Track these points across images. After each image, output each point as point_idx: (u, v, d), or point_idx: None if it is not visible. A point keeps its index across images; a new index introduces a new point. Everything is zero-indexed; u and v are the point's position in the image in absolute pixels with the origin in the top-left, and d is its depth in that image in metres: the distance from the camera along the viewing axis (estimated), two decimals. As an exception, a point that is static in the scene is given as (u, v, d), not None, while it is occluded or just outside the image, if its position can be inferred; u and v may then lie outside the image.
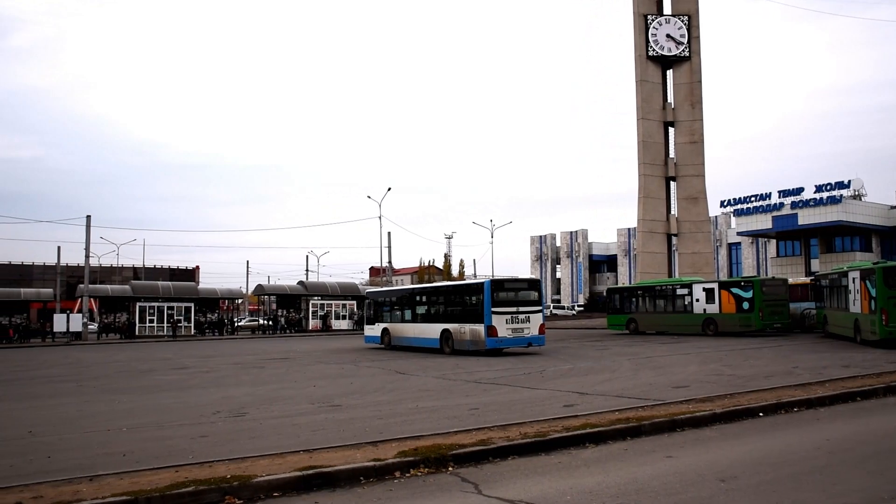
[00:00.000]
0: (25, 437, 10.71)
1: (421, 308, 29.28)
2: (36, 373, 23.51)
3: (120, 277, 79.36)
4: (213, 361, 26.04)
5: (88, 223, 49.43)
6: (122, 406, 14.22)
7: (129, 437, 10.37)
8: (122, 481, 7.39)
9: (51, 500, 6.69)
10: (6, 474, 8.00)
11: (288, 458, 8.28)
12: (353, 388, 16.39)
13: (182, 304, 52.25)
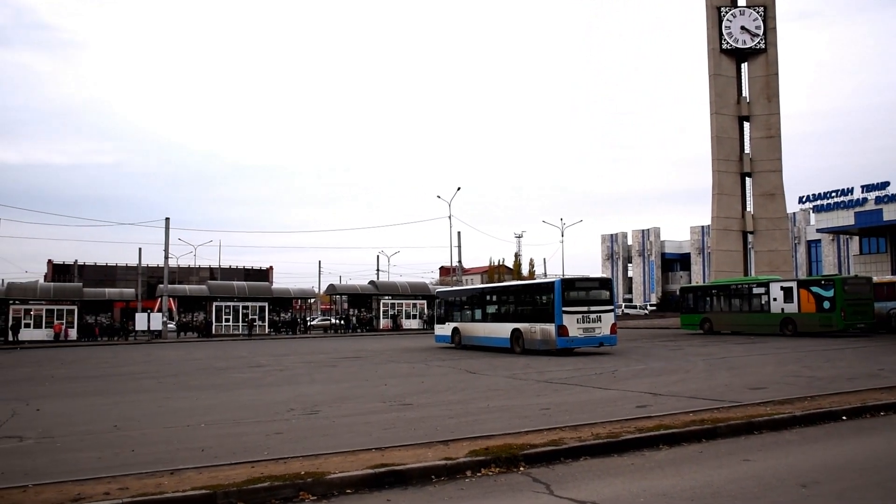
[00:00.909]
0: (111, 430, 11.12)
1: (491, 307, 29.25)
2: (119, 370, 24.36)
3: (197, 278, 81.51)
4: (286, 360, 26.54)
5: (167, 225, 51.05)
6: (201, 403, 14.62)
7: (208, 433, 10.66)
8: (201, 475, 7.60)
9: (135, 492, 6.93)
10: (95, 466, 8.34)
11: (360, 456, 8.37)
12: (423, 387, 16.47)
13: (257, 303, 53.42)
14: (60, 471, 8.14)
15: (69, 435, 10.87)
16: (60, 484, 7.38)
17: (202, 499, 6.84)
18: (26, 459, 9.04)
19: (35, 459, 9.02)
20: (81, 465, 8.45)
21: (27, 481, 7.55)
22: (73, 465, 8.48)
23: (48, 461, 8.88)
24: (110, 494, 6.89)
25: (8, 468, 8.47)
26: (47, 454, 9.40)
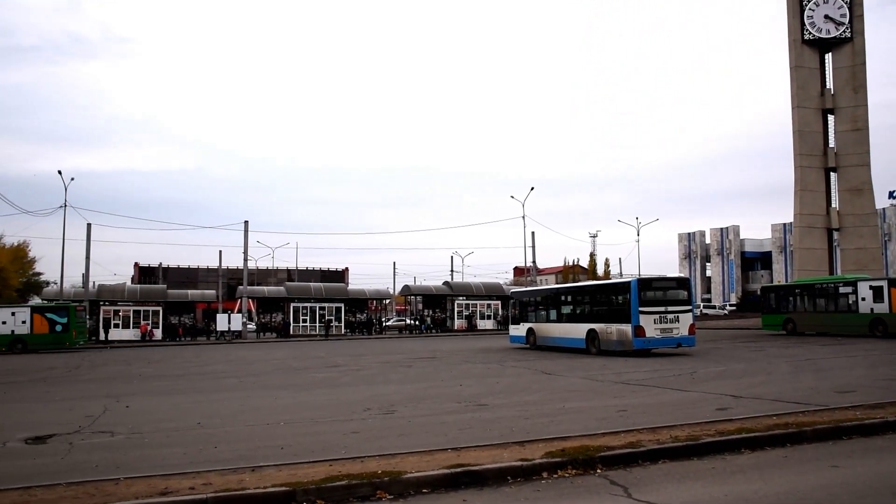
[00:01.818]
0: (195, 428, 11.47)
1: (566, 308, 29.01)
2: (202, 369, 25.10)
3: (275, 279, 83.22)
4: (363, 360, 26.87)
5: (246, 228, 52.28)
6: (280, 402, 14.93)
7: (287, 432, 10.88)
8: (281, 473, 7.77)
9: (219, 487, 7.13)
10: (180, 461, 8.62)
11: (436, 456, 8.42)
12: (499, 387, 16.45)
13: (333, 304, 54.24)
14: (148, 465, 8.45)
15: (156, 431, 11.26)
16: (149, 478, 7.65)
17: (282, 496, 6.99)
18: (117, 453, 9.41)
19: (125, 454, 9.38)
20: (168, 461, 8.75)
21: (119, 474, 7.86)
22: (160, 461, 8.79)
23: (137, 456, 9.21)
24: (195, 489, 7.11)
25: (101, 461, 8.84)
26: (136, 449, 9.76)
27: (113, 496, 6.94)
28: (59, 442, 10.45)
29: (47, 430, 11.36)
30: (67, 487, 7.34)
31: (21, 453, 9.75)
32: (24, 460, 9.25)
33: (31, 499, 6.94)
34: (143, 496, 6.91)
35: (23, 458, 9.37)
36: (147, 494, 6.96)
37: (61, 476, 7.93)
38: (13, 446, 10.26)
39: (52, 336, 40.10)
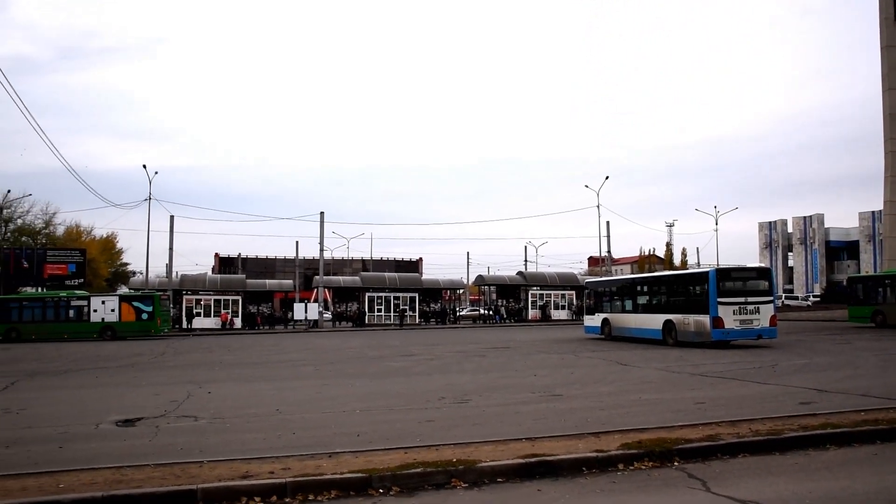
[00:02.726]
0: (274, 414, 11.75)
1: (642, 298, 28.59)
2: (280, 357, 25.68)
3: (350, 269, 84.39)
4: (437, 349, 27.04)
5: (322, 219, 53.09)
6: (356, 390, 15.15)
7: (362, 419, 11.04)
8: (357, 459, 7.90)
9: (297, 472, 7.30)
10: (260, 447, 8.85)
11: (511, 446, 8.42)
12: (573, 378, 16.34)
13: (407, 294, 54.72)
14: (230, 450, 8.71)
15: (237, 417, 11.58)
16: (231, 462, 7.89)
17: (358, 482, 7.10)
18: (200, 437, 9.73)
19: (208, 438, 9.69)
20: (248, 446, 8.99)
21: (202, 458, 8.13)
22: (240, 445, 9.04)
23: (219, 440, 9.50)
24: (274, 474, 7.29)
25: (185, 445, 9.16)
26: (218, 434, 10.06)
27: (197, 478, 7.18)
28: (147, 425, 10.86)
29: (136, 414, 11.82)
30: (155, 468, 7.63)
31: (112, 435, 10.17)
32: (115, 441, 9.65)
33: (122, 477, 7.24)
34: (226, 479, 7.12)
35: (114, 440, 9.78)
36: (229, 477, 7.18)
37: (149, 457, 8.25)
38: (105, 428, 10.72)
39: (138, 324, 41.66)
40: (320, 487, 6.99)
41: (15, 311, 41.77)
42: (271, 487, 6.92)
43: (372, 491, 7.03)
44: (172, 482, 7.04)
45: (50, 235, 67.76)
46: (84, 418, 11.63)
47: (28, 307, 42.24)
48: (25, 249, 55.84)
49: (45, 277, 52.28)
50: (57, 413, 12.58)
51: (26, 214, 65.61)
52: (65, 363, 24.21)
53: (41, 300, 43.22)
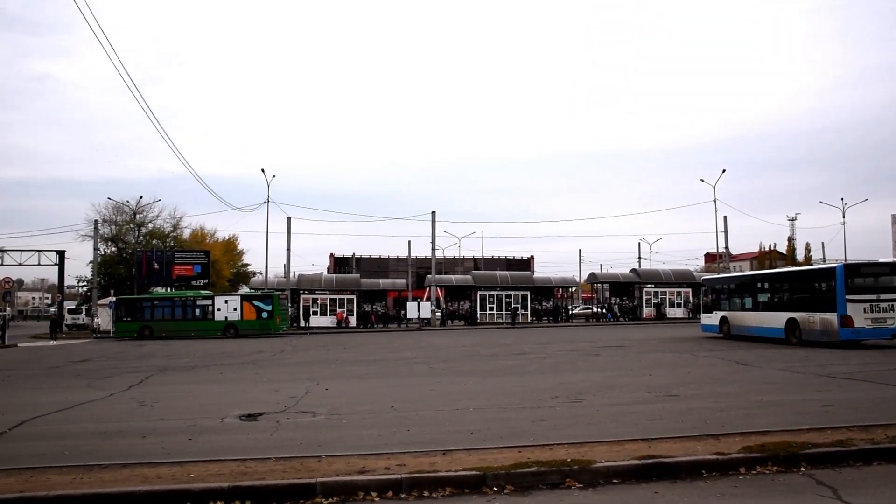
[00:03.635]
0: (389, 411, 11.95)
1: (763, 296, 27.48)
2: (394, 355, 26.11)
3: (462, 268, 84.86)
4: (549, 348, 26.84)
5: (433, 218, 53.69)
6: (469, 388, 15.22)
7: (475, 417, 11.08)
8: (471, 457, 7.93)
9: (412, 469, 7.40)
10: (376, 443, 9.03)
11: (626, 446, 8.27)
12: (690, 377, 15.88)
13: (519, 292, 54.60)
14: (347, 445, 8.92)
15: (353, 413, 11.85)
16: (348, 457, 8.08)
17: (472, 479, 7.14)
18: (318, 433, 10.00)
19: (326, 433, 9.95)
20: (364, 441, 9.18)
21: (320, 452, 8.37)
22: (357, 441, 9.25)
23: (336, 436, 9.74)
24: (390, 469, 7.43)
25: (304, 439, 9.44)
26: (335, 429, 10.33)
27: (316, 472, 7.39)
28: (268, 420, 11.27)
29: (258, 409, 12.29)
30: (276, 462, 7.91)
31: (236, 429, 10.61)
32: (238, 435, 10.06)
33: (246, 470, 7.55)
34: (343, 473, 7.30)
35: (238, 433, 10.20)
36: (346, 472, 7.36)
37: (271, 451, 8.56)
38: (230, 422, 11.19)
39: (258, 322, 43.33)
40: (435, 484, 7.06)
41: (147, 310, 44.34)
42: (387, 483, 7.05)
43: (486, 489, 7.05)
44: (293, 475, 7.28)
45: (177, 238, 71.24)
46: (210, 412, 12.19)
47: (159, 306, 44.79)
48: (156, 252, 58.92)
49: (173, 278, 55.04)
50: (186, 406, 13.24)
51: (156, 219, 69.40)
52: (192, 359, 25.45)
53: (170, 300, 45.72)
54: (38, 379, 19.96)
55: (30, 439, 10.13)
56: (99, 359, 27.21)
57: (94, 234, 56.28)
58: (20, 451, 9.24)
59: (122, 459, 8.25)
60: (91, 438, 10.00)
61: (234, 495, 6.82)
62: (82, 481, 7.28)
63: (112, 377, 19.16)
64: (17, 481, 7.35)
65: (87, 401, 14.20)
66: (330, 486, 6.99)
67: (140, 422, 11.39)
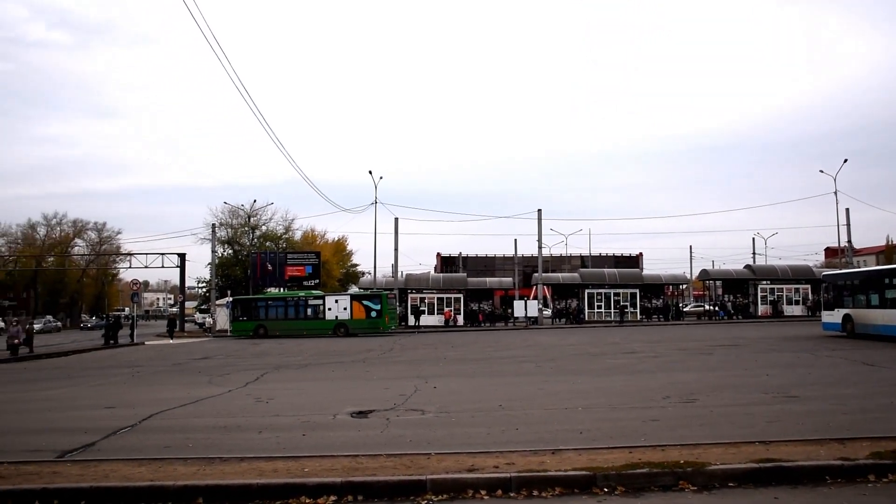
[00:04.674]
0: (497, 409, 11.95)
1: (892, 292, 25.95)
2: (501, 353, 26.11)
3: (569, 266, 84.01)
4: (659, 346, 26.23)
5: (540, 216, 53.33)
6: (577, 386, 15.06)
7: (585, 416, 10.95)
8: (581, 457, 7.84)
9: (521, 467, 7.38)
10: (484, 441, 9.08)
11: (742, 449, 7.98)
12: (810, 378, 15.19)
13: (627, 290, 53.60)
14: (455, 443, 8.99)
15: (462, 411, 11.92)
16: (457, 455, 8.13)
17: (582, 479, 7.05)
18: (427, 430, 10.12)
19: (434, 431, 10.06)
20: (473, 439, 9.23)
21: (430, 450, 8.46)
22: (465, 439, 9.30)
23: (445, 434, 9.83)
24: (499, 468, 7.43)
25: (414, 437, 9.58)
26: (444, 427, 10.42)
27: (426, 469, 7.47)
28: (378, 417, 11.48)
29: (368, 406, 12.54)
30: (387, 458, 8.05)
31: (348, 425, 10.86)
32: (350, 431, 10.30)
33: (358, 465, 7.71)
34: (452, 471, 7.36)
35: (349, 430, 10.44)
36: (456, 470, 7.41)
37: (381, 447, 8.73)
38: (342, 418, 11.47)
39: (368, 321, 44.17)
40: (544, 484, 7.02)
41: (262, 310, 45.99)
42: (496, 482, 7.05)
43: (596, 489, 6.95)
44: (403, 472, 7.39)
45: (289, 240, 73.59)
46: (322, 409, 12.52)
47: (273, 306, 46.37)
48: (269, 253, 60.97)
49: (285, 279, 56.82)
50: (299, 403, 13.65)
51: (269, 221, 72.02)
52: (304, 357, 26.21)
53: (283, 300, 47.25)
54: (163, 375, 21.03)
55: (157, 432, 10.70)
56: (218, 356, 28.42)
57: (211, 237, 58.77)
58: (149, 442, 9.79)
59: (240, 453, 8.59)
60: (212, 432, 10.46)
61: (347, 490, 6.99)
62: (205, 473, 7.63)
63: (230, 374, 19.98)
64: (147, 470, 7.78)
65: (207, 396, 14.87)
66: (439, 483, 7.06)
67: (256, 417, 11.83)
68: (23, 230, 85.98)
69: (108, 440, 10.09)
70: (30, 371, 24.30)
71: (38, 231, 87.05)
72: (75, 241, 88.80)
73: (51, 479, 7.55)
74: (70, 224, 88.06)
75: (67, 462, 8.54)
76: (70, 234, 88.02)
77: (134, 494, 7.09)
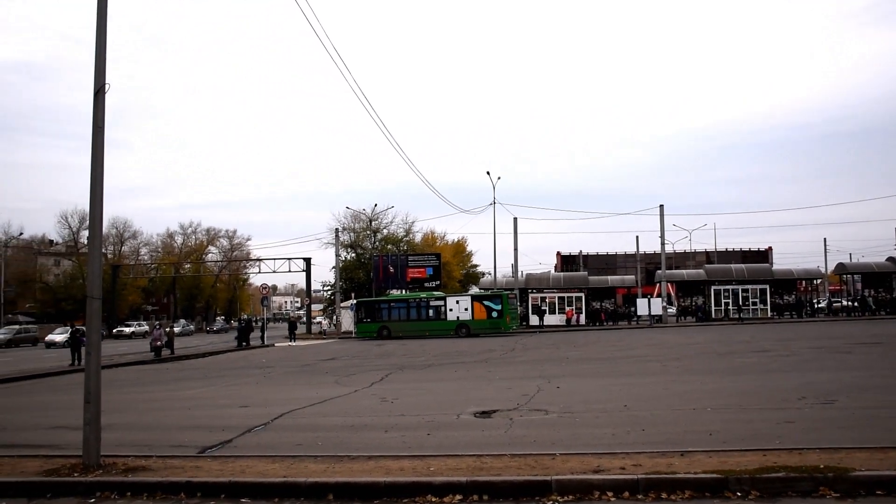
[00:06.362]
0: (622, 410, 11.73)
1: None
2: (625, 353, 25.62)
3: (693, 262, 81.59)
4: (792, 345, 25.03)
5: (662, 212, 52.04)
6: (705, 386, 14.59)
7: (713, 417, 10.60)
8: (711, 459, 7.59)
9: (648, 469, 7.23)
10: (609, 442, 8.96)
11: (890, 454, 7.48)
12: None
13: (756, 286, 51.48)
14: (580, 443, 8.90)
15: (586, 412, 11.78)
16: (582, 455, 8.04)
17: (713, 482, 6.82)
18: (551, 430, 10.06)
19: (558, 431, 9.99)
20: (598, 440, 9.11)
21: (554, 450, 8.41)
22: (590, 439, 9.19)
23: (569, 434, 9.74)
24: (625, 469, 7.30)
25: (538, 437, 9.55)
26: (568, 427, 10.33)
27: (551, 469, 7.43)
28: (501, 417, 11.50)
29: (491, 406, 12.58)
30: (511, 458, 8.05)
31: (471, 425, 10.94)
32: (473, 431, 10.37)
33: (482, 465, 7.76)
34: (578, 472, 7.28)
35: (473, 429, 10.51)
36: (581, 471, 7.33)
37: (505, 447, 8.75)
38: (465, 418, 11.56)
39: (489, 321, 44.34)
40: (673, 486, 6.84)
41: (385, 311, 47.02)
42: (623, 483, 6.93)
43: (728, 493, 6.71)
44: (528, 472, 7.37)
45: (410, 242, 74.90)
46: (446, 409, 12.66)
47: (395, 307, 47.31)
48: (391, 256, 62.24)
49: (407, 280, 57.82)
50: (423, 403, 13.86)
51: (390, 224, 73.51)
52: (427, 358, 26.58)
53: (405, 301, 48.12)
54: (292, 376, 21.84)
55: (288, 430, 11.13)
56: (343, 357, 29.25)
57: (335, 241, 60.47)
58: (281, 440, 10.20)
59: (367, 452, 8.82)
60: (340, 431, 10.78)
61: (472, 490, 7.04)
62: (334, 470, 7.87)
63: (356, 374, 20.51)
64: (280, 467, 8.11)
65: (334, 396, 15.33)
66: (565, 484, 7.00)
67: (382, 417, 12.09)
68: (162, 239, 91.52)
69: (244, 437, 10.58)
70: (171, 371, 25.79)
71: (176, 240, 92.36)
72: (209, 248, 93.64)
73: (194, 472, 8.02)
74: (204, 232, 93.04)
75: (208, 457, 9.04)
76: (204, 242, 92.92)
77: (268, 489, 7.41)
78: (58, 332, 52.48)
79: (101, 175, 8.82)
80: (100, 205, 8.83)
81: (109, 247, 79.07)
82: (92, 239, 9.25)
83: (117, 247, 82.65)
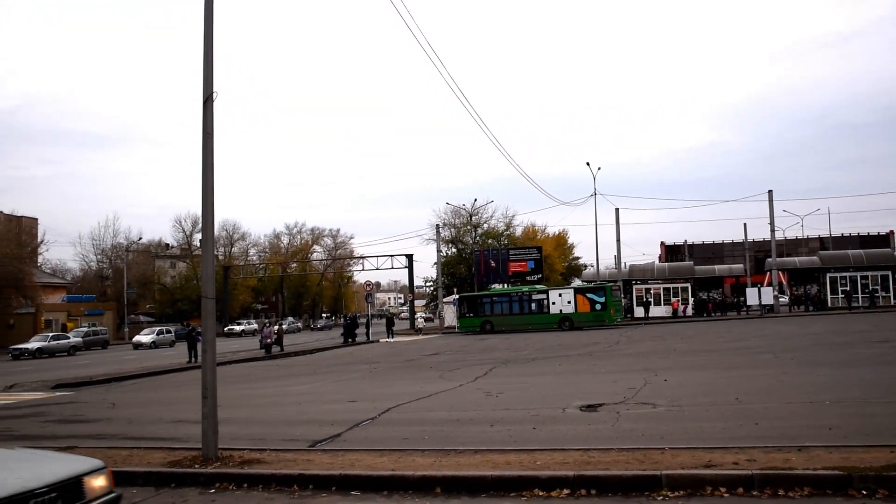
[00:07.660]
0: (733, 403, 11.37)
1: None
2: (734, 344, 24.83)
3: (806, 249, 78.14)
4: (919, 334, 23.66)
5: (771, 198, 50.07)
6: (821, 379, 13.98)
7: (833, 411, 10.14)
8: (832, 455, 7.25)
9: (763, 465, 6.97)
10: (720, 436, 8.69)
11: None
12: None
13: (877, 272, 48.97)
14: (689, 437, 8.67)
15: (694, 405, 11.47)
16: (692, 450, 7.84)
17: (835, 479, 6.51)
18: (659, 424, 9.83)
19: (667, 425, 9.76)
20: (708, 434, 8.85)
21: (663, 444, 8.22)
22: (699, 433, 8.95)
23: (678, 428, 9.51)
24: (739, 464, 7.06)
25: (645, 431, 9.35)
26: (676, 421, 10.08)
27: (660, 464, 7.27)
28: (608, 411, 11.33)
29: (597, 400, 12.41)
30: (619, 452, 7.92)
31: (577, 419, 10.83)
32: (579, 425, 10.26)
33: (589, 459, 7.67)
34: (689, 467, 7.09)
35: (578, 423, 10.40)
36: (692, 465, 7.14)
37: (612, 441, 8.62)
38: (571, 412, 11.45)
39: (592, 314, 43.79)
40: (791, 483, 6.57)
41: (487, 306, 47.11)
42: (737, 479, 6.71)
43: (852, 492, 6.38)
44: (636, 467, 7.24)
45: (510, 236, 74.81)
46: (551, 402, 12.58)
47: (497, 301, 47.32)
48: (492, 250, 62.29)
49: (508, 274, 57.75)
50: (528, 397, 13.82)
51: (490, 219, 73.65)
52: (531, 352, 26.47)
53: (507, 295, 48.05)
54: (397, 371, 22.16)
55: (395, 424, 11.30)
56: (446, 352, 29.48)
57: (436, 237, 61.00)
58: (388, 434, 10.38)
59: (473, 445, 8.86)
60: (445, 425, 10.87)
61: (580, 484, 6.97)
62: (441, 464, 7.94)
63: (459, 369, 20.64)
64: (388, 460, 8.26)
65: (440, 391, 15.46)
66: (675, 478, 6.84)
67: (487, 411, 12.12)
68: (269, 240, 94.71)
69: (352, 431, 10.81)
70: (281, 368, 26.64)
71: (282, 240, 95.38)
72: (314, 247, 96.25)
73: (306, 465, 8.26)
74: (308, 232, 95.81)
75: (318, 451, 9.29)
76: (309, 242, 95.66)
77: (378, 483, 7.55)
78: (145, 334, 53.99)
79: (211, 179, 9.14)
80: (211, 208, 9.16)
81: (220, 248, 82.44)
82: (205, 241, 9.65)
83: (228, 248, 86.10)
